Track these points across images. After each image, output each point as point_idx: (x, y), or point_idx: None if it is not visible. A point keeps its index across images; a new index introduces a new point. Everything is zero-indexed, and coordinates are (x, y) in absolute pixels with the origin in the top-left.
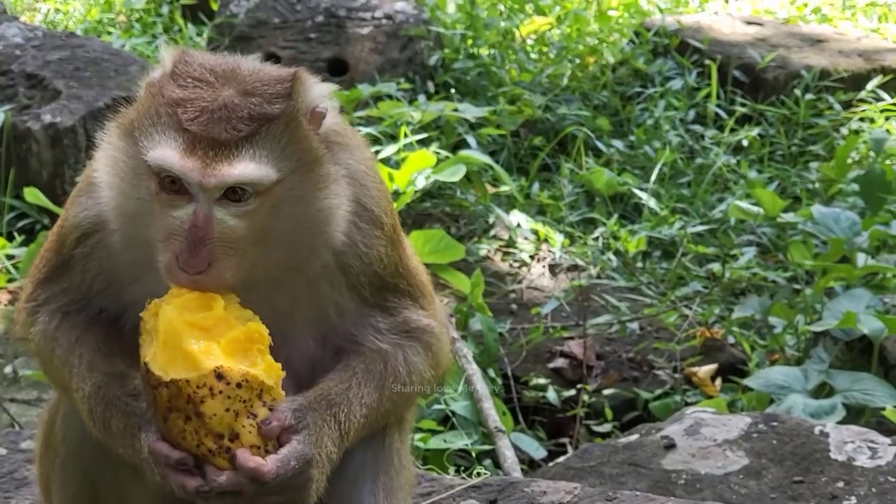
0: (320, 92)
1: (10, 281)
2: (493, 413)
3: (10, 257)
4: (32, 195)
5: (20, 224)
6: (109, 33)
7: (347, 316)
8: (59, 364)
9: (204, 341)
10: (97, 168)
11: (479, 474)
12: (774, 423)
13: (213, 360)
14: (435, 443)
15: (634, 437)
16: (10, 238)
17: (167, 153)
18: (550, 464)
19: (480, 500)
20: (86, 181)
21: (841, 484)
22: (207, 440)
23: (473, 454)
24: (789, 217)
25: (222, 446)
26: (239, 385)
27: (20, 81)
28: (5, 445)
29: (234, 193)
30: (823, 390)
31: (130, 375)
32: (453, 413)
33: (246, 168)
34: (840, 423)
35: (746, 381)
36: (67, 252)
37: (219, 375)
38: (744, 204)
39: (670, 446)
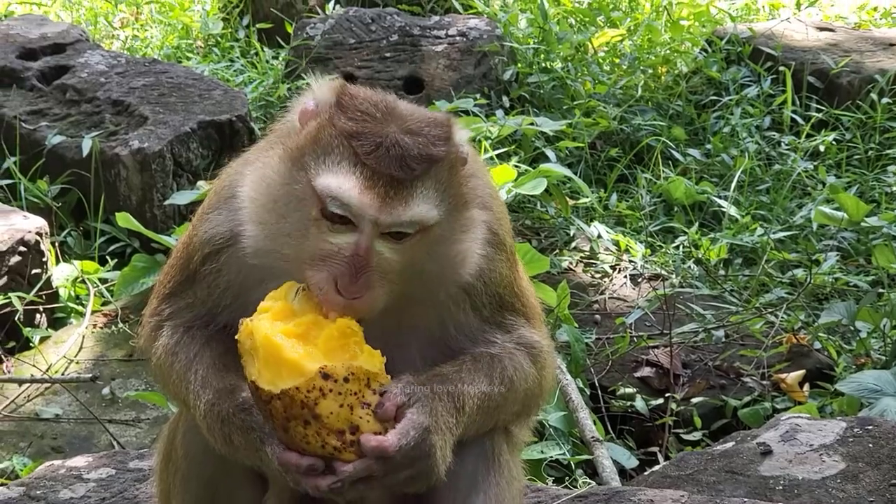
0: (463, 137)
1: (104, 304)
2: (589, 423)
3: (103, 281)
4: (124, 219)
5: (111, 248)
6: (189, 59)
7: (466, 333)
8: (177, 380)
9: (302, 346)
10: (244, 184)
11: (584, 484)
12: (870, 427)
13: (315, 362)
14: (531, 453)
15: (730, 444)
16: (103, 262)
17: (344, 185)
18: (646, 472)
19: None
20: (215, 199)
21: None
22: (330, 439)
23: (572, 464)
24: (873, 221)
25: (346, 441)
26: (346, 379)
27: (106, 108)
28: (113, 465)
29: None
30: None
31: (239, 388)
32: (546, 424)
33: (420, 209)
34: None
35: (837, 386)
36: (194, 268)
37: (325, 375)
38: (827, 209)
39: (767, 452)
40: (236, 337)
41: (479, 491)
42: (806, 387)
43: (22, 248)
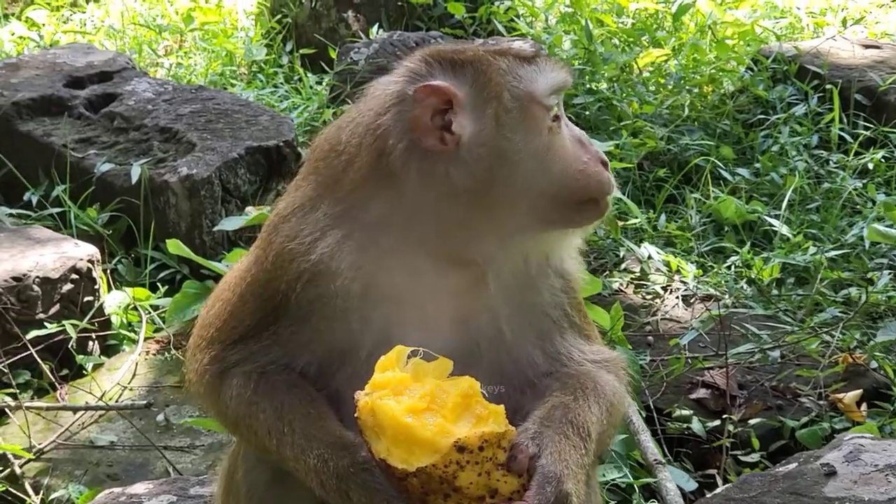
0: None
1: (156, 331)
2: (650, 445)
3: (154, 308)
4: (174, 246)
5: (161, 275)
6: (233, 85)
7: (560, 332)
8: (264, 433)
9: (433, 423)
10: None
11: None
12: None
13: (447, 436)
14: None
15: (793, 465)
16: (154, 289)
17: (550, 73)
18: (708, 495)
19: None
20: (310, 218)
21: None
22: None
23: (637, 488)
24: None
25: None
26: (481, 448)
27: (154, 135)
28: (174, 492)
29: None
30: None
31: (352, 443)
32: None
33: None
34: None
35: None
36: (281, 301)
37: (460, 448)
38: (880, 227)
39: (831, 473)
40: (356, 415)
41: None
42: (863, 406)
43: (74, 276)
